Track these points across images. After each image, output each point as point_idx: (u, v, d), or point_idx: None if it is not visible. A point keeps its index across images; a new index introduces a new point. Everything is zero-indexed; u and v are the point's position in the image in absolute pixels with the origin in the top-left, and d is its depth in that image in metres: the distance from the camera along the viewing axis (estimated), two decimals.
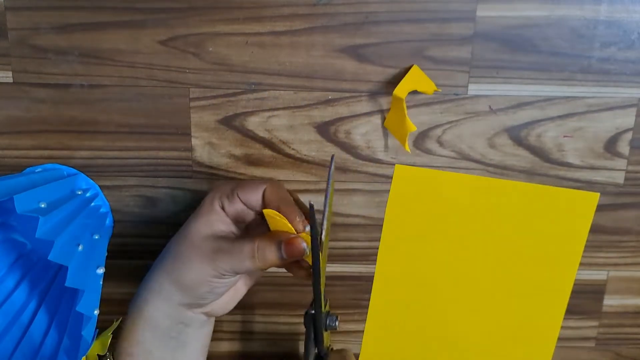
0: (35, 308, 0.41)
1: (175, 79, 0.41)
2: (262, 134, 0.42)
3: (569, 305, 0.47)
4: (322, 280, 0.36)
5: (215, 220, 0.35)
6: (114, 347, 0.37)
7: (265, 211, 0.33)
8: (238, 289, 0.38)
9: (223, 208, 0.35)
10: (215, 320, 0.47)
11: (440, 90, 0.41)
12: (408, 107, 0.41)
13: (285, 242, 0.32)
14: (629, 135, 0.42)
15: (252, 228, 0.37)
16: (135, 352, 0.36)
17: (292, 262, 0.34)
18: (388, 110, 0.42)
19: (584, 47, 0.41)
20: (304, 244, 0.32)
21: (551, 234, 0.44)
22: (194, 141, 0.42)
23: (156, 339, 0.36)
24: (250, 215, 0.35)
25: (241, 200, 0.35)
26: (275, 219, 0.33)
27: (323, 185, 0.44)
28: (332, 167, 0.33)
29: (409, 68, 0.40)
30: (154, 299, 0.35)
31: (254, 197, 0.34)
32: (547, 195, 0.44)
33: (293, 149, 0.43)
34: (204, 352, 0.39)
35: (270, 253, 0.32)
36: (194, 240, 0.34)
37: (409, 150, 0.42)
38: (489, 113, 0.42)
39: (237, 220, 0.36)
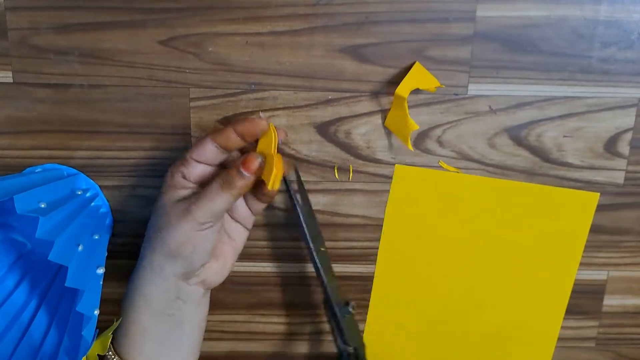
0: (36, 308, 0.41)
1: (175, 79, 0.41)
2: None
3: (569, 305, 0.47)
4: (333, 281, 0.37)
5: (179, 189, 0.37)
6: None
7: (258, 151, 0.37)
8: (226, 256, 0.39)
9: (184, 177, 0.37)
10: (215, 320, 0.47)
11: (443, 86, 0.41)
12: (408, 107, 0.41)
13: (242, 162, 0.36)
14: (629, 135, 0.42)
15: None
16: (131, 330, 0.37)
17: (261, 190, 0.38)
18: (388, 110, 0.42)
19: (584, 47, 0.41)
20: (259, 157, 0.36)
21: (551, 233, 0.44)
22: (194, 141, 0.42)
23: (153, 317, 0.37)
24: (209, 170, 0.38)
25: (197, 161, 0.37)
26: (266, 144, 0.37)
27: (324, 185, 0.44)
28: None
29: (410, 67, 0.40)
30: (149, 275, 0.36)
31: (206, 152, 0.37)
32: (547, 195, 0.44)
33: (293, 149, 0.43)
34: (200, 334, 0.39)
35: (233, 177, 0.35)
36: (166, 209, 0.36)
37: (412, 149, 0.42)
38: (489, 113, 0.42)
39: (201, 182, 0.37)
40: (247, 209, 0.40)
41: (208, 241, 0.36)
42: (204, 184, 0.37)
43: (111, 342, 0.37)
